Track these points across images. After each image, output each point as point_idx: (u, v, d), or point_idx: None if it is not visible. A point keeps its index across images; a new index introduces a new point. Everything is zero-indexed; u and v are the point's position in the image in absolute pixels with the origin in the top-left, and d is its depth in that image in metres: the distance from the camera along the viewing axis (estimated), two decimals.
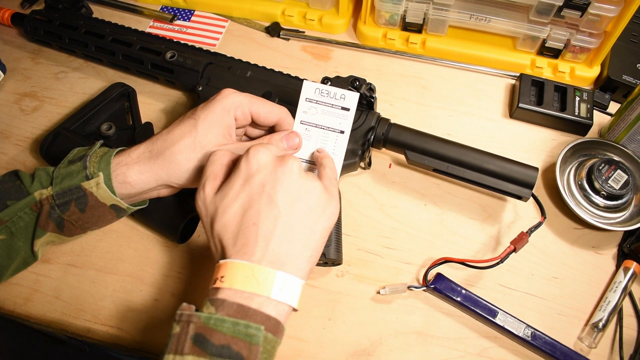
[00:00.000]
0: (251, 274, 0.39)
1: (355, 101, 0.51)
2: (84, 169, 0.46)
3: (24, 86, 0.72)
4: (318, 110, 0.51)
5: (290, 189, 0.41)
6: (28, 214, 0.46)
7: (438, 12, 0.70)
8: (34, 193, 0.46)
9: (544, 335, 0.52)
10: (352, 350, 0.52)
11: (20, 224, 0.46)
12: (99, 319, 0.53)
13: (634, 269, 0.56)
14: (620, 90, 0.70)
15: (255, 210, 0.40)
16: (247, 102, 0.49)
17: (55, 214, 0.46)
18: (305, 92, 0.51)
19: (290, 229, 0.41)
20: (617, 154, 0.63)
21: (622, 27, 0.63)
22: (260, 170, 0.42)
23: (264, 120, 0.50)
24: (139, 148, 0.48)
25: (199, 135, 0.47)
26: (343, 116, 0.51)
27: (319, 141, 0.52)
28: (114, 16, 0.80)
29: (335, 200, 0.44)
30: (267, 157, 0.43)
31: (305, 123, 0.51)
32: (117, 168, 0.47)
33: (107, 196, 0.47)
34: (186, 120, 0.48)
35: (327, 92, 0.51)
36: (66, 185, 0.46)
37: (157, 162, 0.47)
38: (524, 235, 0.54)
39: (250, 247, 0.39)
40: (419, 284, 0.55)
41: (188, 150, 0.47)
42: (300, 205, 0.42)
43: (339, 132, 0.51)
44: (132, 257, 0.57)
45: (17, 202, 0.46)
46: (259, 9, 0.78)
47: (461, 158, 0.57)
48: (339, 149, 0.52)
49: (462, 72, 0.74)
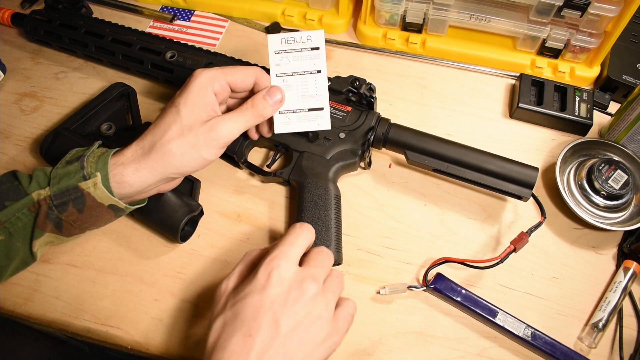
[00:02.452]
0: None
1: (322, 38, 0.51)
2: (82, 169, 0.46)
3: (24, 86, 0.72)
4: (289, 58, 0.52)
5: (297, 313, 0.40)
6: (26, 215, 0.46)
7: (438, 12, 0.70)
8: (32, 194, 0.46)
9: (544, 335, 0.52)
10: (352, 350, 0.52)
11: (18, 224, 0.46)
12: (99, 319, 0.53)
13: (634, 269, 0.56)
14: (620, 90, 0.70)
15: (257, 323, 0.39)
16: (221, 74, 0.49)
17: (53, 214, 0.46)
18: (272, 45, 0.52)
19: (284, 352, 0.39)
20: (617, 154, 0.63)
21: (622, 27, 0.63)
22: (275, 286, 0.41)
23: (241, 85, 0.51)
24: (131, 147, 0.48)
25: (184, 119, 0.47)
26: (315, 56, 0.52)
27: (300, 88, 0.52)
28: (114, 16, 0.80)
29: (339, 336, 0.43)
30: (287, 273, 0.42)
31: (282, 75, 0.52)
32: (114, 168, 0.47)
33: (105, 196, 0.47)
34: (168, 110, 0.49)
35: (293, 39, 0.52)
36: (64, 185, 0.46)
37: (151, 157, 0.47)
38: (524, 235, 0.54)
39: (240, 356, 0.38)
40: (419, 284, 0.55)
41: (177, 137, 0.47)
42: (302, 332, 0.40)
43: (316, 72, 0.52)
44: (132, 257, 0.57)
45: (15, 202, 0.46)
46: (259, 9, 0.78)
47: (461, 158, 0.57)
48: (321, 88, 0.52)
49: (462, 72, 0.74)
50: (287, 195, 0.62)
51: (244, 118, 0.49)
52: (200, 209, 0.57)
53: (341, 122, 0.60)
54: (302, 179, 0.58)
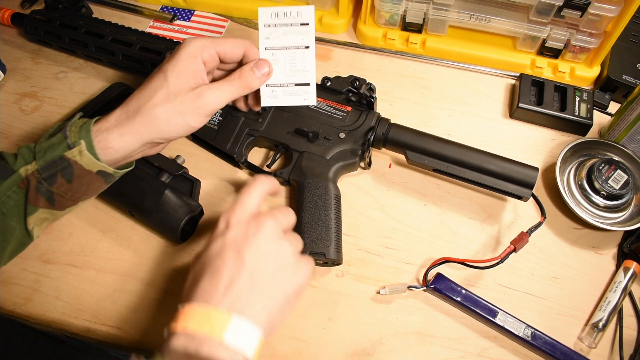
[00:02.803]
0: (206, 317, 0.38)
1: (312, 14, 0.51)
2: (65, 139, 0.46)
3: (24, 86, 0.72)
4: (279, 32, 0.52)
5: (259, 246, 0.42)
6: (17, 192, 0.46)
7: (438, 12, 0.70)
8: (19, 170, 0.46)
9: (544, 335, 0.52)
10: (352, 350, 0.52)
11: (10, 203, 0.46)
12: (99, 319, 0.53)
13: (634, 269, 0.56)
14: (620, 90, 0.70)
15: (222, 259, 0.41)
16: (210, 44, 0.49)
17: (44, 187, 0.46)
18: (263, 18, 0.52)
19: (252, 282, 0.41)
20: (617, 154, 0.63)
21: (622, 27, 0.63)
22: (234, 227, 0.43)
23: (230, 56, 0.51)
24: (115, 112, 0.48)
25: (171, 85, 0.47)
26: (304, 32, 0.52)
27: (287, 62, 0.52)
28: (114, 16, 0.80)
29: (310, 264, 0.45)
30: (244, 215, 0.44)
31: (270, 48, 0.52)
32: (98, 135, 0.47)
33: (92, 163, 0.46)
34: (155, 75, 0.48)
35: (284, 13, 0.51)
36: (49, 157, 0.46)
37: (135, 121, 0.47)
38: (524, 235, 0.54)
39: (209, 292, 0.40)
40: (419, 284, 0.55)
41: (163, 102, 0.47)
42: (268, 263, 0.42)
43: (305, 48, 0.52)
44: (132, 257, 0.57)
45: (3, 181, 0.46)
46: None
47: (461, 158, 0.57)
48: (308, 64, 0.52)
49: (462, 72, 0.74)
50: (287, 195, 0.62)
51: (231, 88, 0.50)
52: (200, 209, 0.57)
53: (341, 122, 0.60)
54: (302, 179, 0.58)
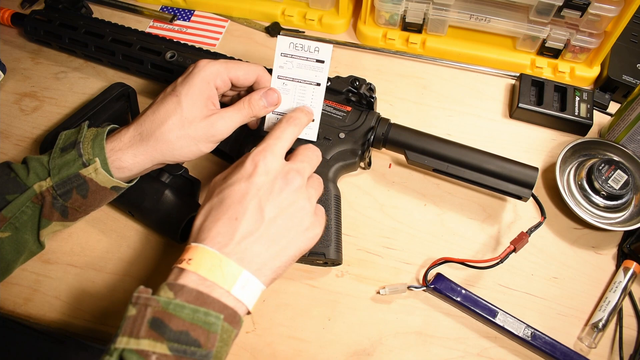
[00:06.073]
0: (218, 265, 0.39)
1: (329, 53, 0.51)
2: (80, 157, 0.47)
3: (24, 86, 0.72)
4: (294, 64, 0.52)
5: (281, 202, 0.43)
6: (30, 208, 0.47)
7: (438, 12, 0.70)
8: (33, 186, 0.46)
9: (544, 335, 0.52)
10: (352, 350, 0.52)
11: (23, 218, 0.47)
12: (99, 319, 0.53)
13: (634, 269, 0.56)
14: (620, 90, 0.70)
15: (243, 207, 0.41)
16: (224, 70, 0.50)
17: (59, 203, 0.47)
18: (280, 46, 0.52)
19: (268, 237, 0.42)
20: (617, 154, 0.63)
21: (622, 27, 0.63)
22: (262, 175, 0.43)
23: (242, 82, 0.52)
24: (128, 131, 0.49)
25: (185, 112, 0.48)
26: (318, 69, 0.52)
27: (297, 95, 0.53)
28: (114, 16, 0.80)
29: (320, 228, 0.46)
30: (273, 164, 0.44)
31: (283, 77, 0.52)
32: (112, 154, 0.47)
33: (107, 180, 0.47)
34: (169, 98, 0.49)
35: (302, 46, 0.51)
36: (65, 175, 0.46)
37: (149, 144, 0.48)
38: (524, 235, 0.54)
39: (225, 238, 0.40)
40: (419, 284, 0.55)
41: (177, 129, 0.48)
42: (285, 219, 0.43)
43: (316, 85, 0.52)
44: (132, 257, 0.57)
45: (18, 196, 0.46)
46: (259, 9, 0.78)
47: (461, 158, 0.57)
48: (316, 101, 0.53)
49: (462, 72, 0.74)
50: None
51: (240, 117, 0.50)
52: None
53: (341, 122, 0.60)
54: None
